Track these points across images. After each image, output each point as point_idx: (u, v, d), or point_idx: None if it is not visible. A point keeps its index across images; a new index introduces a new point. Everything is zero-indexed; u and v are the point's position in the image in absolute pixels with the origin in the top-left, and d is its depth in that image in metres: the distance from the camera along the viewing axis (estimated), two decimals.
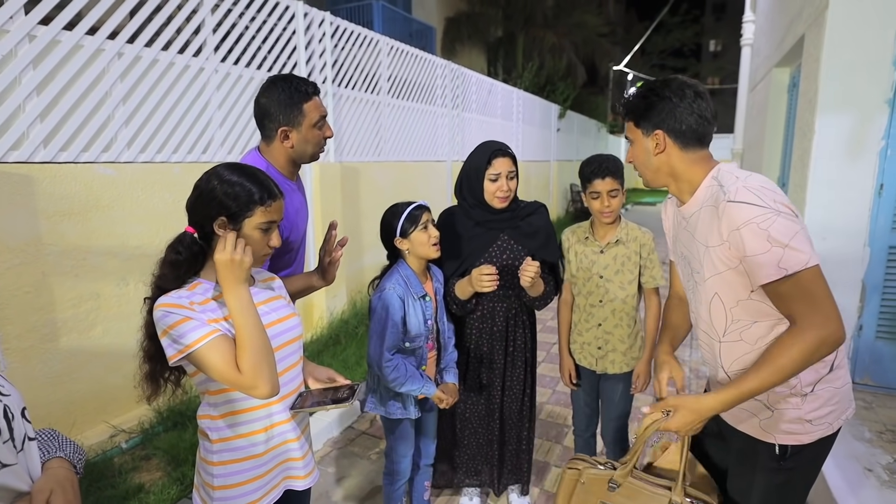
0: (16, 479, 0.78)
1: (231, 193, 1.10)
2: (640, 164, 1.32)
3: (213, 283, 1.14)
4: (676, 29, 22.83)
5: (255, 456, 1.20)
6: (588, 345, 2.03)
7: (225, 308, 1.11)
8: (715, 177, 1.20)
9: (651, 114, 1.24)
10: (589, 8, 15.71)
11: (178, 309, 1.05)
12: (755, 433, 1.26)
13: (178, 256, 1.11)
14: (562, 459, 2.66)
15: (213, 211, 1.10)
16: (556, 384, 3.56)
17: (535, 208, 2.01)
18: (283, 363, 1.22)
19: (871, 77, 2.79)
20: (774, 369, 1.06)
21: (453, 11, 12.81)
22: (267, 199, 1.13)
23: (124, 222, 2.72)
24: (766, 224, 1.05)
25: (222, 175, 1.12)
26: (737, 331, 1.22)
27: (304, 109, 1.55)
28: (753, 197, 1.08)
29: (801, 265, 1.04)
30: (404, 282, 1.72)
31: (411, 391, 1.70)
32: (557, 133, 12.38)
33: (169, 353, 1.05)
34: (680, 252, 1.38)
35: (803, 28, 3.55)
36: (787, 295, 1.06)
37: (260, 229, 1.14)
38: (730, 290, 1.18)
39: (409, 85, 5.56)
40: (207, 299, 1.12)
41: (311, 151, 1.63)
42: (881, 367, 2.95)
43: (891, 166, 2.80)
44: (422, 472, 2.02)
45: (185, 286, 1.12)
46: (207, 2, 3.13)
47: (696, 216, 1.24)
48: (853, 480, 2.20)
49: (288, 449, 1.25)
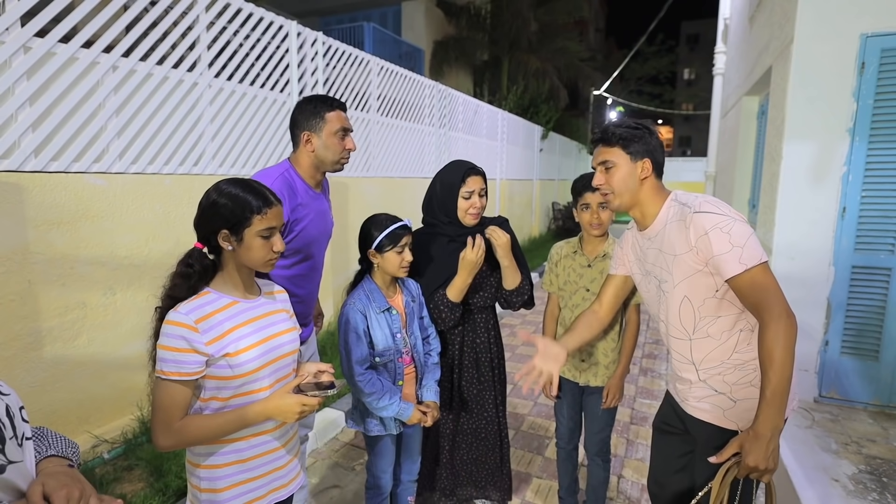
0: (20, 477, 0.79)
1: (229, 206, 1.18)
2: (619, 187, 1.46)
3: (220, 294, 1.23)
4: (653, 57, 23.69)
5: (240, 461, 1.24)
6: (572, 357, 2.09)
7: (227, 322, 1.20)
8: (674, 199, 1.44)
9: (641, 144, 1.44)
10: (571, 35, 16.22)
11: (178, 331, 1.14)
12: (720, 423, 1.44)
13: (189, 269, 1.20)
14: (542, 471, 2.71)
15: (215, 225, 1.19)
16: (537, 396, 3.62)
17: (500, 222, 2.06)
18: (277, 374, 1.28)
19: (833, 107, 2.98)
20: (779, 365, 1.19)
21: (441, 35, 13.13)
22: (263, 208, 1.20)
23: (113, 232, 2.73)
24: (728, 228, 1.27)
25: (221, 190, 1.21)
26: (704, 327, 1.40)
27: (326, 117, 1.77)
28: (714, 207, 1.32)
29: (756, 260, 1.25)
30: (366, 296, 1.73)
31: (388, 408, 1.69)
32: (540, 153, 12.65)
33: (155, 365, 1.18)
34: (646, 270, 1.55)
35: (771, 60, 3.77)
36: (749, 286, 1.26)
37: (261, 236, 1.21)
38: (697, 291, 1.37)
39: (398, 104, 5.68)
40: (214, 311, 1.20)
41: (332, 159, 1.80)
42: (846, 381, 3.09)
43: (852, 191, 2.98)
44: (405, 487, 2.01)
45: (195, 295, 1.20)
46: (203, 19, 3.20)
47: (661, 233, 1.45)
48: (821, 491, 2.30)
49: (274, 458, 1.30)
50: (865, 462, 2.50)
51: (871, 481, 2.35)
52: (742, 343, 1.39)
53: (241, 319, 1.23)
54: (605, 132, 1.49)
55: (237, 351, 1.19)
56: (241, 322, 1.22)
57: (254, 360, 1.21)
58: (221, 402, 1.21)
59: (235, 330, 1.20)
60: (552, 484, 2.55)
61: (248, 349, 1.21)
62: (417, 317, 1.88)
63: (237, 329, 1.21)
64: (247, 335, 1.22)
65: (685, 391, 1.53)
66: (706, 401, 1.46)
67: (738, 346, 1.39)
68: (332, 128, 1.77)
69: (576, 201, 2.01)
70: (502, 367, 2.11)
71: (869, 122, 2.90)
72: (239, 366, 1.19)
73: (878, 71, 2.85)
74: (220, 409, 1.21)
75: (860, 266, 3.00)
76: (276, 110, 3.87)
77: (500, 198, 9.53)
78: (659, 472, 1.72)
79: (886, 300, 2.96)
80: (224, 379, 1.19)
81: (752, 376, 1.40)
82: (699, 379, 1.47)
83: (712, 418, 1.46)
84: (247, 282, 1.29)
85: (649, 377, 4.04)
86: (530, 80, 13.97)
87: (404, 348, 1.80)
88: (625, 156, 1.45)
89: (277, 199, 1.26)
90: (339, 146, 1.80)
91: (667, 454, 1.68)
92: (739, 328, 1.39)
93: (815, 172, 3.07)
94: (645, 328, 5.31)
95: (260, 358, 1.22)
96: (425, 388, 1.88)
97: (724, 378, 1.42)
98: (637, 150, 1.43)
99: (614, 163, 1.46)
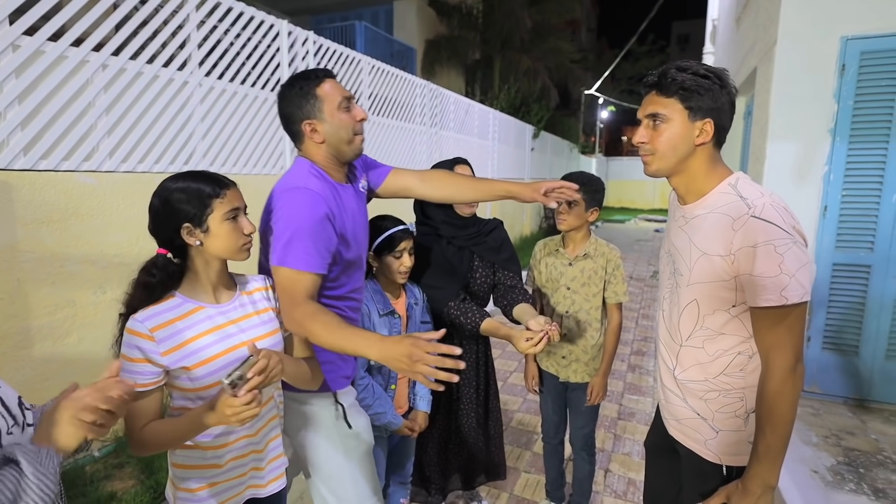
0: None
1: (183, 199, 1.11)
2: (665, 148, 1.17)
3: (185, 299, 1.16)
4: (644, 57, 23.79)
5: (212, 465, 1.20)
6: (553, 353, 2.12)
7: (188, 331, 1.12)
8: (733, 185, 1.16)
9: (707, 99, 1.12)
10: (563, 35, 16.28)
11: (133, 340, 1.08)
12: (702, 453, 1.29)
13: (151, 279, 1.12)
14: (531, 465, 2.75)
15: (174, 222, 1.11)
16: (526, 393, 3.66)
17: (495, 225, 2.11)
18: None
19: (815, 108, 3.05)
20: (780, 422, 1.08)
21: (433, 34, 13.13)
22: (219, 190, 1.13)
23: (104, 231, 2.74)
24: (783, 249, 1.04)
25: (168, 187, 1.13)
26: (701, 338, 1.22)
27: (319, 94, 1.38)
28: (778, 217, 1.06)
29: (798, 298, 1.04)
30: (370, 297, 1.71)
31: (380, 417, 1.69)
32: (532, 152, 12.72)
33: None
34: (668, 249, 1.34)
35: (756, 61, 3.84)
36: (775, 322, 1.07)
37: (227, 220, 1.14)
38: (710, 301, 1.17)
39: (389, 103, 5.70)
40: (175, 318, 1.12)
41: (347, 137, 1.42)
42: (827, 376, 3.16)
43: (833, 190, 3.05)
44: (397, 489, 2.02)
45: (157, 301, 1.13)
46: (194, 18, 3.21)
47: (700, 219, 1.19)
48: (800, 482, 2.36)
49: (252, 459, 1.27)
50: (844, 454, 2.57)
51: (848, 472, 2.41)
52: (734, 368, 1.20)
53: (206, 327, 1.15)
54: (663, 76, 1.16)
55: (195, 364, 1.11)
56: (204, 330, 1.14)
57: (216, 373, 1.12)
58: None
59: (196, 340, 1.13)
60: (540, 478, 2.59)
61: (209, 361, 1.12)
62: (419, 321, 1.87)
63: (198, 339, 1.13)
64: (208, 345, 1.14)
65: (666, 405, 1.39)
66: (687, 423, 1.31)
67: (730, 369, 1.20)
68: (334, 102, 1.39)
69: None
70: (489, 360, 2.15)
71: (849, 122, 2.97)
72: (198, 379, 1.12)
73: (858, 73, 2.92)
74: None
75: (841, 263, 3.07)
76: (267, 109, 3.87)
77: None
78: (655, 493, 1.58)
79: (866, 297, 3.03)
80: (186, 391, 1.14)
81: (737, 406, 1.22)
82: (676, 389, 1.32)
83: (694, 446, 1.31)
84: (220, 280, 1.21)
85: (637, 373, 4.10)
86: (522, 80, 14.03)
87: None
88: (682, 111, 1.14)
89: (231, 181, 1.18)
90: (349, 120, 1.42)
91: (661, 476, 1.55)
92: (738, 351, 1.19)
93: (798, 172, 3.14)
94: (634, 325, 5.38)
95: (223, 370, 1.11)
96: (418, 396, 1.89)
97: (704, 400, 1.26)
98: (700, 105, 1.12)
99: (667, 117, 1.15)
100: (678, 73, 1.14)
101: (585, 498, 2.24)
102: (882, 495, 2.25)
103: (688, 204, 1.24)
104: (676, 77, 1.13)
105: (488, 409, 2.16)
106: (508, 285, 2.01)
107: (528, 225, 12.38)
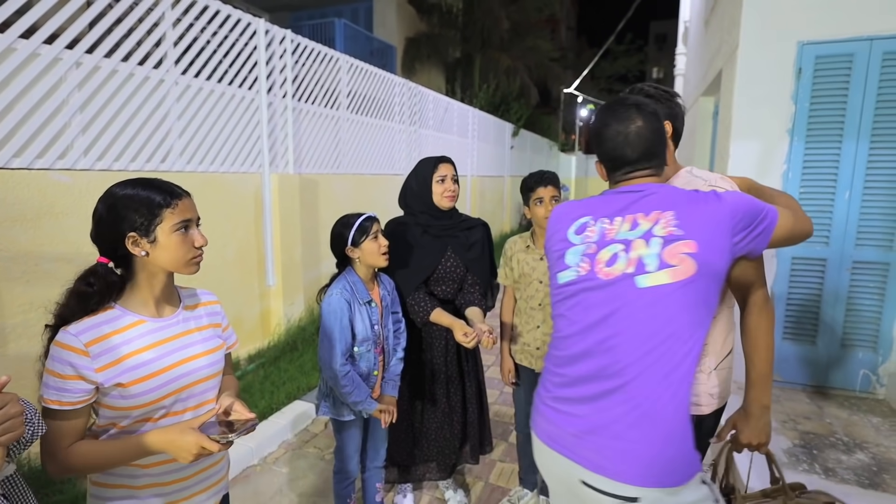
0: None
1: (132, 206, 1.04)
2: None
3: (125, 311, 1.09)
4: (622, 56, 24.16)
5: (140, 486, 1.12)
6: (528, 345, 2.21)
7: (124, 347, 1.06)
8: (689, 171, 1.42)
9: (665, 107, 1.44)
10: (542, 34, 16.48)
11: (65, 355, 1.01)
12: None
13: (88, 288, 1.04)
14: (506, 455, 2.84)
15: (120, 230, 1.04)
16: (502, 386, 3.76)
17: (475, 224, 2.22)
18: (187, 403, 1.14)
19: (775, 110, 3.20)
20: (763, 350, 1.26)
21: (413, 32, 13.15)
22: (171, 200, 1.08)
23: (79, 229, 2.73)
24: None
25: (116, 193, 1.06)
26: None
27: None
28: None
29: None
30: (350, 287, 1.81)
31: (359, 403, 1.80)
32: (511, 150, 12.85)
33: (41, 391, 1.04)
34: None
35: (721, 63, 3.98)
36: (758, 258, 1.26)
37: (176, 231, 1.08)
38: None
39: (368, 101, 5.73)
40: (112, 332, 1.05)
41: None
42: (787, 365, 3.33)
43: (792, 187, 3.20)
44: (373, 473, 2.10)
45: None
46: (169, 16, 3.21)
47: None
48: (758, 463, 2.48)
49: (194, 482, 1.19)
50: (800, 437, 2.72)
51: (802, 454, 2.56)
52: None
53: (145, 343, 1.08)
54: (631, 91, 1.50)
55: (132, 381, 1.04)
56: (143, 346, 1.08)
57: (152, 392, 1.07)
58: (120, 429, 1.09)
59: (134, 356, 1.06)
60: (513, 467, 2.68)
61: (146, 378, 1.06)
62: (391, 311, 1.98)
63: (136, 354, 1.07)
64: (147, 362, 1.07)
65: None
66: None
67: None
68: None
69: (527, 198, 2.12)
70: (465, 351, 2.23)
71: (806, 123, 3.12)
72: (133, 397, 1.05)
73: (813, 76, 3.07)
74: (118, 435, 1.08)
75: (799, 257, 3.23)
76: (245, 108, 3.88)
77: (472, 194, 9.66)
78: None
79: (822, 289, 3.20)
80: (118, 409, 1.07)
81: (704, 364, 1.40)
82: None
83: None
84: (163, 294, 1.14)
85: None
86: (501, 78, 14.16)
87: (378, 340, 1.90)
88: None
89: (185, 191, 1.13)
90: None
91: None
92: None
93: (760, 170, 3.28)
94: None
95: (161, 388, 1.08)
96: (385, 381, 1.98)
97: None
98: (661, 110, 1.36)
99: None
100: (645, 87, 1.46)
101: None
102: (832, 474, 2.40)
103: None
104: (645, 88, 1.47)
105: (465, 396, 2.25)
106: (469, 283, 2.18)
107: (508, 222, 12.52)
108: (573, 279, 1.20)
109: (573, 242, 1.22)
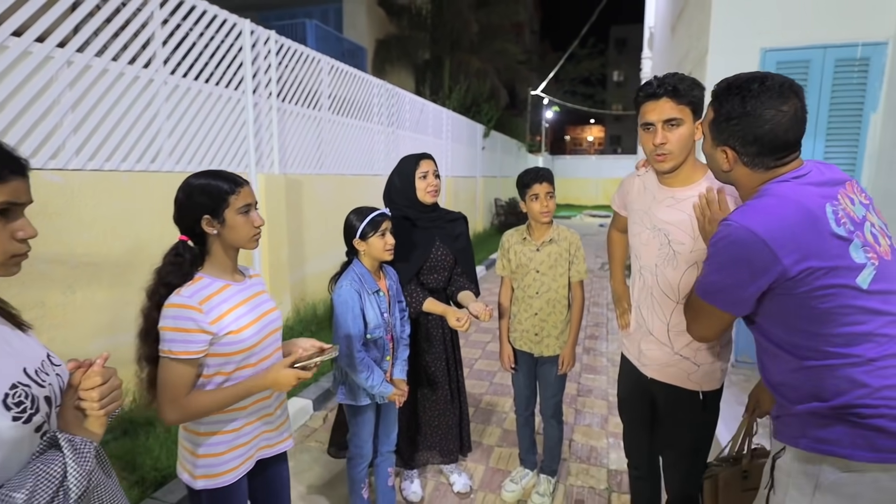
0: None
1: (204, 193, 1.28)
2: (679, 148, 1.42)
3: (213, 279, 1.32)
4: (585, 59, 24.86)
5: (236, 430, 1.37)
6: (526, 332, 2.34)
7: (224, 304, 1.30)
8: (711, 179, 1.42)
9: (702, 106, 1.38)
10: (509, 37, 16.78)
11: (185, 312, 1.22)
12: (684, 384, 1.58)
13: (180, 258, 1.29)
14: (502, 440, 2.97)
15: (197, 213, 1.28)
16: (492, 377, 3.90)
17: (457, 216, 2.38)
18: (271, 347, 1.42)
19: None
20: None
21: (383, 34, 13.20)
22: (235, 188, 1.30)
23: (72, 230, 2.70)
24: None
25: (192, 183, 1.30)
26: None
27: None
28: None
29: None
30: (359, 278, 1.89)
31: (375, 387, 1.88)
32: (483, 151, 13.05)
33: (160, 346, 1.25)
34: (654, 224, 1.57)
35: (690, 67, 4.25)
36: None
37: (240, 214, 1.31)
38: None
39: (348, 102, 5.78)
40: (212, 293, 1.29)
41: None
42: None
43: None
44: (385, 458, 2.17)
45: (189, 281, 1.29)
46: (158, 15, 3.19)
47: (690, 200, 1.45)
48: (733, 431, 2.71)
49: (265, 423, 1.44)
50: None
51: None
52: None
53: (237, 300, 1.34)
54: (676, 87, 1.38)
55: (239, 328, 1.30)
56: (236, 303, 1.34)
57: (253, 336, 1.34)
58: (225, 376, 1.32)
59: (234, 310, 1.32)
60: (512, 451, 2.81)
61: (248, 326, 1.33)
62: (397, 300, 2.07)
63: (235, 309, 1.32)
64: (244, 314, 1.34)
65: (647, 355, 1.65)
66: (672, 365, 1.58)
67: None
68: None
69: (523, 193, 2.24)
70: (455, 341, 2.37)
71: None
72: (241, 342, 1.31)
73: None
74: (222, 382, 1.32)
75: None
76: (231, 107, 3.88)
77: (446, 194, 9.78)
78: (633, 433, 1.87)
79: None
80: (227, 355, 1.30)
81: (715, 344, 1.50)
82: (667, 339, 1.57)
83: (676, 382, 1.59)
84: (234, 265, 1.39)
85: (592, 355, 4.43)
86: (472, 80, 14.36)
87: (388, 327, 1.98)
88: (691, 115, 1.37)
89: (245, 181, 1.35)
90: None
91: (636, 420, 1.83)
92: None
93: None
94: (586, 312, 5.75)
95: (258, 334, 1.35)
96: (395, 366, 2.07)
97: (690, 345, 1.53)
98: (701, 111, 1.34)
99: (682, 121, 1.38)
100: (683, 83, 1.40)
101: (556, 462, 2.47)
102: None
103: (675, 187, 1.51)
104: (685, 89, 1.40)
105: (459, 384, 2.38)
106: (458, 272, 2.34)
107: (481, 221, 12.71)
108: (874, 275, 1.03)
109: (842, 235, 1.04)
